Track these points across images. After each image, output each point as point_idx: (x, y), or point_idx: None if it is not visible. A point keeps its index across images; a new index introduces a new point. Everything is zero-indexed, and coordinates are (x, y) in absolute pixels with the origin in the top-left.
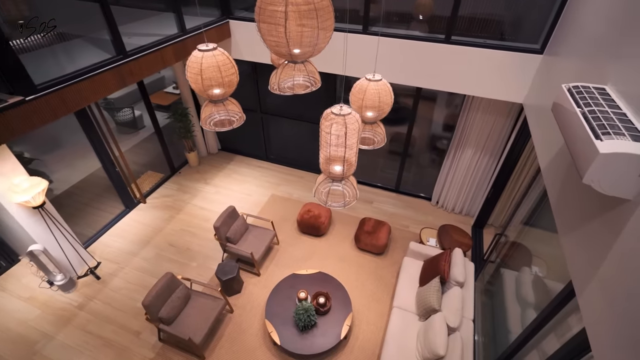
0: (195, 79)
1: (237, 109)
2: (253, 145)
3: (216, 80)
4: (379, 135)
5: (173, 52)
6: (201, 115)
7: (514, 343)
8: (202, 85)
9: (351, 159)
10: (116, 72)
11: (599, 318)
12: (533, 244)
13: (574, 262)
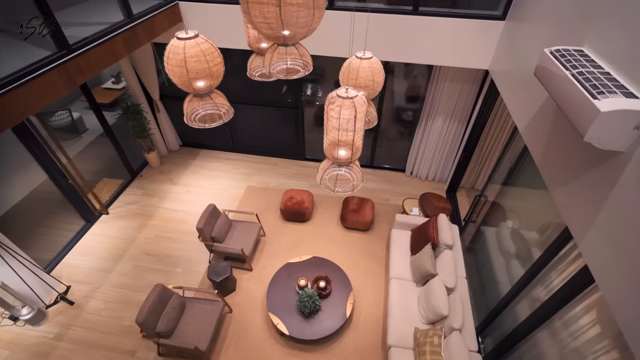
0: (179, 72)
1: (224, 101)
2: (217, 137)
3: (203, 72)
4: (370, 114)
5: (123, 42)
6: (185, 112)
7: (511, 291)
8: (188, 79)
9: (358, 143)
10: (63, 72)
11: (601, 257)
12: (511, 202)
13: (569, 213)
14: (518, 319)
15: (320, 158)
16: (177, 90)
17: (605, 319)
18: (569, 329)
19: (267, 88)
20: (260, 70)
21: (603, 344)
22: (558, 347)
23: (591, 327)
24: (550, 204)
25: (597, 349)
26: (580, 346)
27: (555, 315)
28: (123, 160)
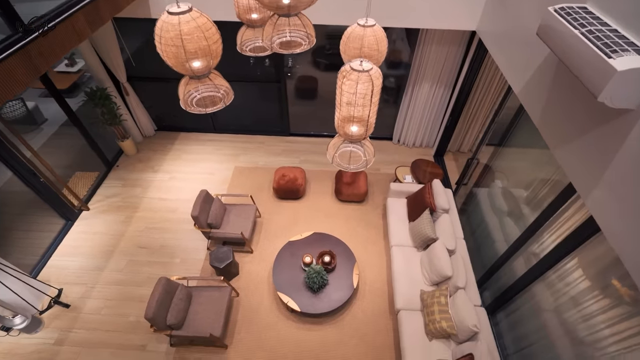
0: (174, 52)
1: (223, 81)
2: (195, 118)
3: (203, 51)
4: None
5: (85, 19)
6: (181, 96)
7: (513, 246)
8: (186, 59)
9: (373, 118)
10: (24, 57)
11: (608, 210)
12: (505, 163)
13: (574, 171)
14: (518, 273)
15: (306, 133)
16: (147, 69)
17: (595, 273)
18: (565, 280)
19: (246, 62)
20: (252, 44)
21: (593, 294)
22: (554, 297)
23: (582, 281)
24: (545, 162)
25: (588, 297)
26: (575, 295)
27: (555, 266)
28: (96, 151)
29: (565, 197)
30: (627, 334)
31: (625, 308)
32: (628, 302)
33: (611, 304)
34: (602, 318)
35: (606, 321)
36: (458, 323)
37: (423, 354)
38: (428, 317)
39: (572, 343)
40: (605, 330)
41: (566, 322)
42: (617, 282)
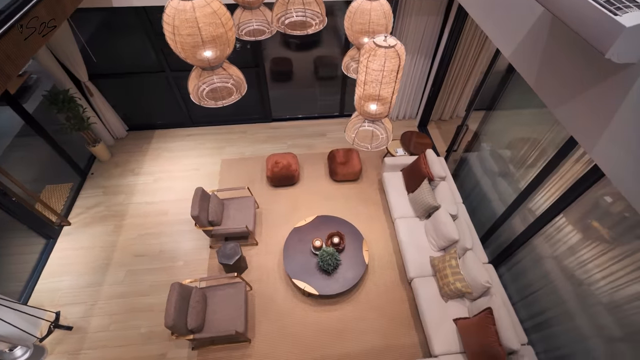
0: (191, 42)
1: (237, 71)
2: (170, 113)
3: (220, 39)
4: None
5: (47, 12)
6: (191, 90)
7: (515, 203)
8: (203, 49)
9: (394, 95)
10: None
11: (614, 159)
12: (496, 126)
13: (576, 126)
14: (520, 228)
15: (289, 117)
16: (110, 65)
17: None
18: (562, 231)
19: None
20: (249, 27)
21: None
22: (552, 249)
23: (574, 235)
24: (537, 122)
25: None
26: (573, 245)
27: (554, 220)
28: (66, 160)
29: (565, 152)
30: (617, 276)
31: (606, 245)
32: (607, 239)
33: (597, 246)
34: (597, 262)
35: (600, 266)
36: (471, 282)
37: (441, 315)
38: (442, 280)
39: (571, 286)
40: (597, 274)
41: (564, 269)
42: (597, 224)
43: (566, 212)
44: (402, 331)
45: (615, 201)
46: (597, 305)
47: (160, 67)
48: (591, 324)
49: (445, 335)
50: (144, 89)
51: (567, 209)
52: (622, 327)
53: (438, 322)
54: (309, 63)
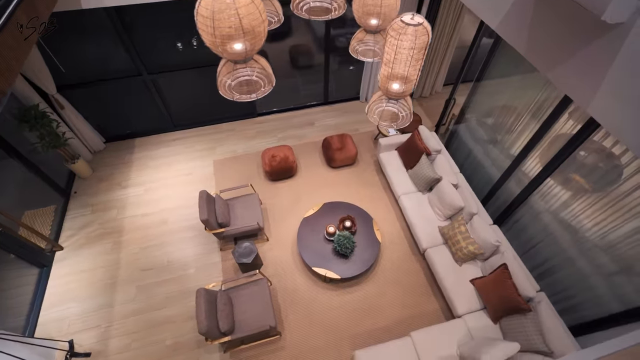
0: (230, 34)
1: (265, 62)
2: (149, 118)
3: (259, 29)
4: (382, 45)
5: (27, 19)
6: (220, 84)
7: (513, 164)
8: (243, 40)
9: (419, 73)
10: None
11: (609, 112)
12: (484, 96)
13: (571, 86)
14: (518, 188)
15: (275, 110)
16: (79, 74)
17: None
18: (555, 189)
19: (198, 44)
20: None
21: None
22: (548, 205)
23: (565, 191)
24: (525, 87)
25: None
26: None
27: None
28: (44, 181)
29: (560, 111)
30: (607, 222)
31: (591, 195)
32: (587, 188)
33: (586, 197)
34: (587, 213)
35: (590, 216)
36: (482, 243)
37: (457, 277)
38: (454, 246)
39: (568, 234)
40: (589, 222)
41: (561, 221)
42: (577, 176)
43: (555, 171)
44: (423, 300)
45: (589, 155)
46: (594, 248)
47: (136, 70)
48: (590, 264)
49: (465, 296)
50: (119, 96)
51: (558, 167)
52: (616, 262)
53: (457, 286)
54: (284, 53)
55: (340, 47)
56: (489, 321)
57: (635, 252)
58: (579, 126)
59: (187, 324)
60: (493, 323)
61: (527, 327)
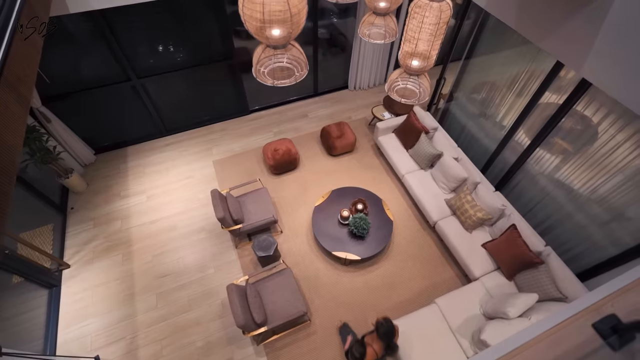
0: (281, 18)
1: (300, 49)
2: (140, 125)
3: (302, 14)
4: (392, 30)
5: (29, 22)
6: (256, 68)
7: (511, 131)
8: (290, 24)
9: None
10: (7, 89)
11: (601, 71)
12: (472, 73)
13: (563, 52)
14: (516, 154)
15: (267, 105)
16: (64, 85)
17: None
18: (547, 154)
19: (187, 45)
20: None
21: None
22: (542, 169)
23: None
24: (511, 62)
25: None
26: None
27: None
28: (39, 199)
29: (552, 77)
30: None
31: (575, 155)
32: (570, 150)
33: (574, 158)
34: (579, 171)
35: (581, 174)
36: (489, 209)
37: (470, 244)
38: (462, 215)
39: (564, 192)
40: (581, 180)
41: (556, 182)
42: (559, 140)
43: (546, 138)
44: (439, 269)
45: (566, 119)
46: (587, 202)
47: (125, 76)
48: (586, 217)
49: (479, 260)
50: (108, 104)
51: (548, 135)
52: (608, 212)
53: (470, 251)
54: None
55: (325, 38)
56: (504, 279)
57: (623, 201)
58: (566, 95)
59: (215, 324)
60: (508, 280)
61: (541, 279)
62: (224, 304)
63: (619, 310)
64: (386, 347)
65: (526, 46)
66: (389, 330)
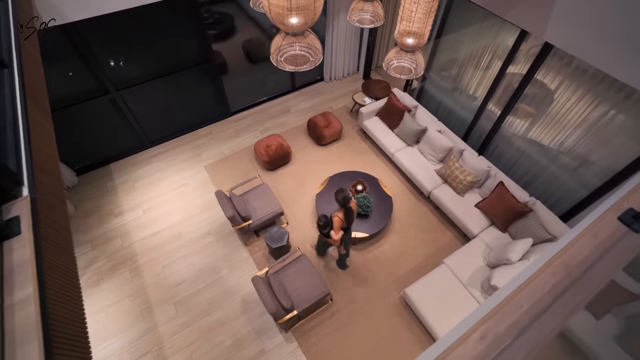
0: (305, 3)
1: (315, 37)
2: (122, 139)
3: (320, 2)
4: (379, 15)
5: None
6: (274, 53)
7: (485, 101)
8: (314, 9)
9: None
10: (34, 104)
11: (563, 34)
12: (441, 54)
13: (527, 20)
14: (492, 120)
15: (248, 105)
16: None
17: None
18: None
19: (165, 51)
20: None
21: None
22: (514, 131)
23: (525, 121)
24: (479, 36)
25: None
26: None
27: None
28: None
29: (518, 44)
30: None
31: (534, 117)
32: (532, 113)
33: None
34: (547, 129)
35: (549, 132)
36: (476, 172)
37: (464, 206)
38: (454, 181)
39: (537, 149)
40: (549, 137)
41: (529, 141)
42: (523, 105)
43: (516, 103)
44: (440, 235)
45: (530, 86)
46: (558, 154)
47: (103, 89)
48: (558, 167)
49: (475, 219)
50: (87, 121)
51: (517, 100)
52: (575, 160)
53: (465, 213)
54: (238, 49)
55: None
56: (499, 232)
57: (586, 149)
58: (529, 64)
59: (240, 321)
60: (502, 232)
61: (531, 225)
62: (245, 301)
63: (634, 204)
64: (345, 212)
65: (490, 20)
66: (345, 195)
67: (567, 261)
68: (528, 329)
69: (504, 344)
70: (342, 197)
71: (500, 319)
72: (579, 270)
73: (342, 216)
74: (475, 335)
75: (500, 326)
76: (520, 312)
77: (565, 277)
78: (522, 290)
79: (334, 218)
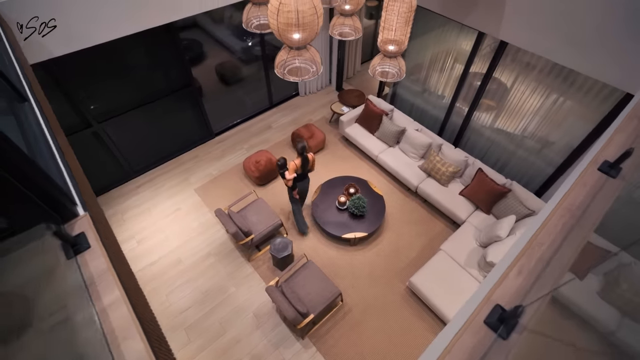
0: (310, 22)
1: (315, 51)
2: (105, 172)
3: (320, 18)
4: (358, 28)
5: None
6: (279, 66)
7: (452, 101)
8: (317, 24)
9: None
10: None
11: (516, 31)
12: (407, 58)
13: (484, 23)
14: (460, 119)
15: (230, 125)
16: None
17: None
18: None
19: (146, 79)
20: (257, 22)
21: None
22: (482, 122)
23: (490, 114)
24: (442, 40)
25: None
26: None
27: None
28: None
29: (477, 46)
30: (524, 121)
31: (496, 109)
32: (493, 106)
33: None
34: (510, 119)
35: (513, 122)
36: (456, 163)
37: (450, 196)
38: (437, 174)
39: (504, 137)
40: (513, 126)
41: (497, 130)
42: (486, 100)
43: (481, 99)
44: (430, 226)
45: (490, 83)
46: (523, 139)
47: (84, 123)
48: (525, 151)
49: (461, 206)
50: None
51: (481, 96)
52: (539, 142)
53: (452, 201)
54: (211, 73)
55: (273, 54)
56: (484, 214)
57: (545, 132)
58: (488, 63)
59: (254, 336)
60: (487, 214)
61: (511, 204)
62: (257, 315)
63: (607, 157)
64: (302, 159)
65: (449, 25)
66: (304, 145)
67: (568, 206)
68: (551, 262)
69: (536, 274)
70: (300, 147)
71: (531, 255)
72: (578, 212)
73: (298, 162)
74: (513, 271)
75: (531, 262)
76: (542, 249)
77: (570, 218)
78: (540, 234)
79: (291, 162)
